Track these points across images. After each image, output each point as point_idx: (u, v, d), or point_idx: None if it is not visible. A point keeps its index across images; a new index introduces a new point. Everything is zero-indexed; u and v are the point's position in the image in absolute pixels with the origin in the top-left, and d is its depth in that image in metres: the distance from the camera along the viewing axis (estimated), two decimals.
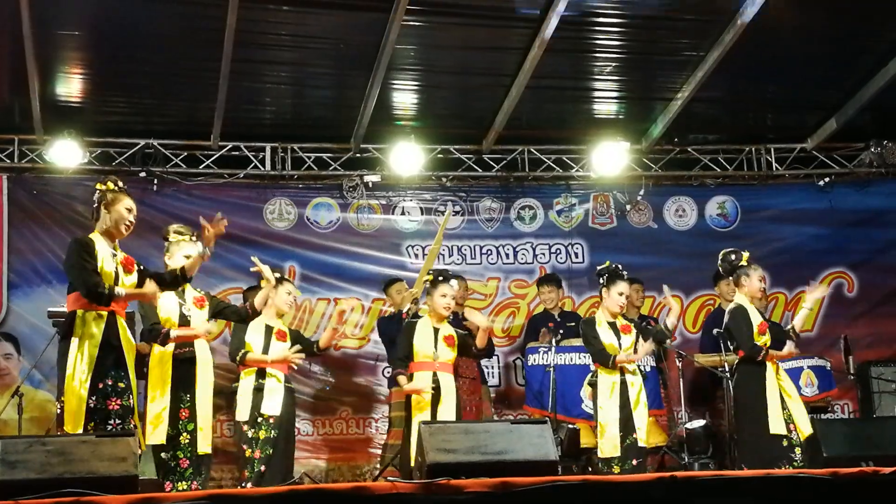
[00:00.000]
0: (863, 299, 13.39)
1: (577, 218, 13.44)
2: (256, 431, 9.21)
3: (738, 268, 9.62)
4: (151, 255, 9.68)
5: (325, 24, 10.76)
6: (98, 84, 11.62)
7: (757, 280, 9.54)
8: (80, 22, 10.54)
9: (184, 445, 8.21)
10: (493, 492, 5.56)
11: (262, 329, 9.50)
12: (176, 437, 8.19)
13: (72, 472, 5.67)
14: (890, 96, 12.21)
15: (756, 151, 13.51)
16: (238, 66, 10.96)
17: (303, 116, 12.69)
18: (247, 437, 9.23)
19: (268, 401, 9.27)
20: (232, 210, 12.07)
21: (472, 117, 12.72)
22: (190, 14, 10.42)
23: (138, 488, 5.78)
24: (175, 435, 8.18)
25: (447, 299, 9.47)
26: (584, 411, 11.07)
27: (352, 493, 5.52)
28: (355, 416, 12.50)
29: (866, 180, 13.59)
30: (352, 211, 13.00)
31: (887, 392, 12.09)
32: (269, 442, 9.21)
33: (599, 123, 12.88)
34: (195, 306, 8.52)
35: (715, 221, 13.57)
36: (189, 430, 8.23)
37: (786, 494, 5.93)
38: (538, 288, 12.44)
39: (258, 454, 9.16)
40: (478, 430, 6.74)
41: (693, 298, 13.06)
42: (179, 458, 8.18)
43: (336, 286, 12.62)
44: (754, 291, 9.55)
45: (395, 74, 11.61)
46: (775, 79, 12.21)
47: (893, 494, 5.94)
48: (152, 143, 12.31)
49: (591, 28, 11.12)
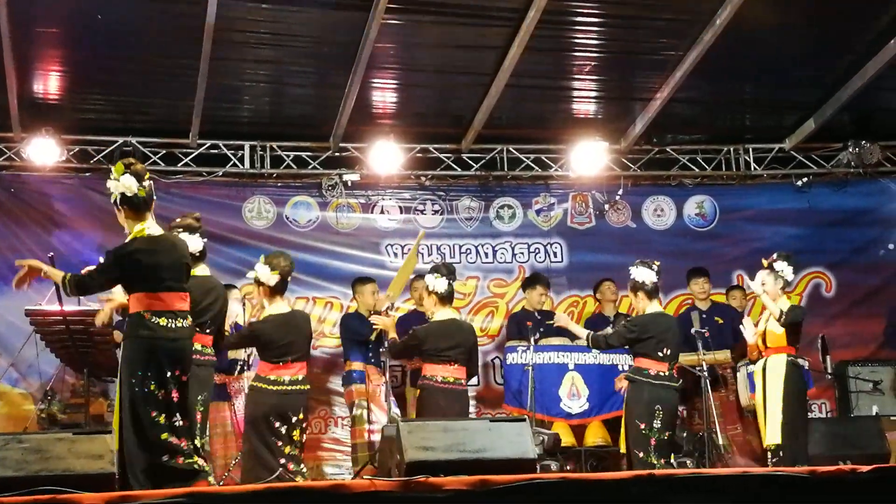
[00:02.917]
0: (840, 299, 13.44)
1: (555, 217, 13.45)
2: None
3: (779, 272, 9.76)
4: None
5: (305, 23, 10.75)
6: (76, 81, 11.58)
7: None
8: (59, 19, 10.50)
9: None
10: (472, 490, 5.56)
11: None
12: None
13: (48, 469, 5.66)
14: (868, 97, 12.27)
15: (734, 151, 13.54)
16: (217, 63, 10.93)
17: (282, 115, 12.67)
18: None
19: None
20: (210, 208, 12.12)
21: (452, 116, 12.73)
22: (169, 11, 10.41)
23: (115, 486, 5.76)
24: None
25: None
26: (562, 410, 11.11)
27: (330, 490, 5.51)
28: (334, 416, 12.48)
29: (844, 180, 13.64)
30: (331, 210, 12.98)
31: (864, 391, 12.15)
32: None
33: (578, 123, 12.89)
34: None
35: (693, 221, 13.60)
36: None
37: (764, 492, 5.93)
38: (526, 288, 12.41)
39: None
40: (456, 429, 6.74)
41: (671, 298, 13.06)
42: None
43: (315, 285, 12.60)
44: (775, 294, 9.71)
45: (375, 73, 11.59)
46: (754, 79, 12.27)
47: (871, 493, 5.96)
48: (130, 141, 12.25)
49: (570, 27, 11.13)
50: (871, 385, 12.13)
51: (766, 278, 9.66)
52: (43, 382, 11.06)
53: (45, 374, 10.86)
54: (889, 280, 13.37)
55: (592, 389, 11.25)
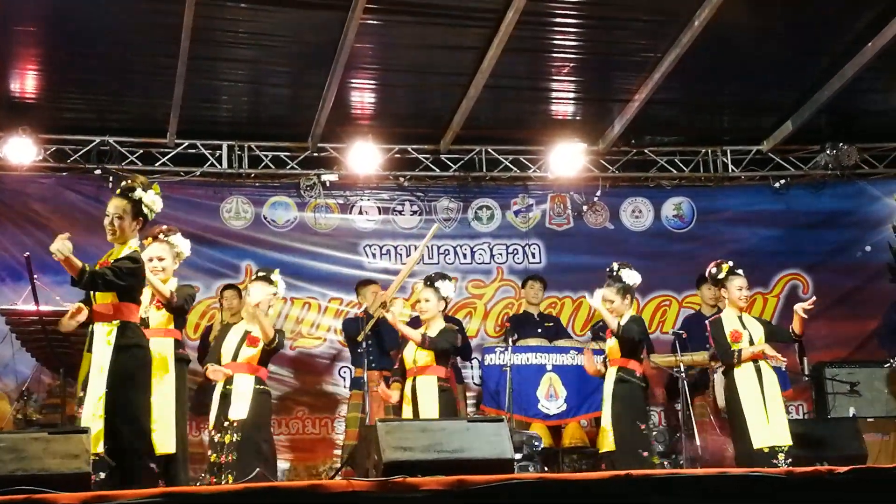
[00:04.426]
0: (817, 301, 13.45)
1: (534, 218, 13.47)
2: (222, 436, 9.09)
3: (718, 281, 9.69)
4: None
5: (283, 22, 10.72)
6: (53, 80, 11.53)
7: (735, 290, 9.59)
8: (36, 18, 10.44)
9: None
10: (449, 490, 5.54)
11: (241, 334, 9.38)
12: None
13: (24, 469, 5.62)
14: (845, 99, 12.31)
15: (712, 153, 13.58)
16: (195, 63, 10.91)
17: (260, 115, 12.65)
18: (213, 441, 9.11)
19: (235, 405, 9.15)
20: (188, 208, 12.13)
21: (430, 117, 12.72)
22: (147, 11, 10.35)
23: (91, 486, 5.72)
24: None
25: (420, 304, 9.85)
26: (540, 411, 11.11)
27: (307, 491, 5.48)
28: (311, 416, 12.47)
29: (821, 182, 13.70)
30: (309, 210, 12.97)
31: (841, 393, 12.19)
32: (233, 447, 9.09)
33: (557, 124, 12.91)
34: (154, 308, 8.42)
35: (671, 222, 13.63)
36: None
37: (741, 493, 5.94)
38: (523, 286, 12.46)
39: (224, 459, 9.02)
40: (434, 429, 6.74)
41: (649, 299, 13.09)
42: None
43: (293, 285, 12.51)
44: (734, 301, 9.59)
45: (353, 73, 11.57)
46: (732, 81, 12.29)
47: (848, 493, 5.97)
48: (108, 141, 12.23)
49: (548, 28, 11.13)
50: (849, 387, 12.17)
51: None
52: (19, 382, 11.01)
53: (22, 374, 10.82)
54: (866, 282, 13.41)
55: (570, 390, 11.27)
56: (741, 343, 9.37)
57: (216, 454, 8.99)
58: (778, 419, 9.17)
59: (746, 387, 9.26)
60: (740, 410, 9.22)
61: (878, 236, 13.55)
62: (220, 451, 8.99)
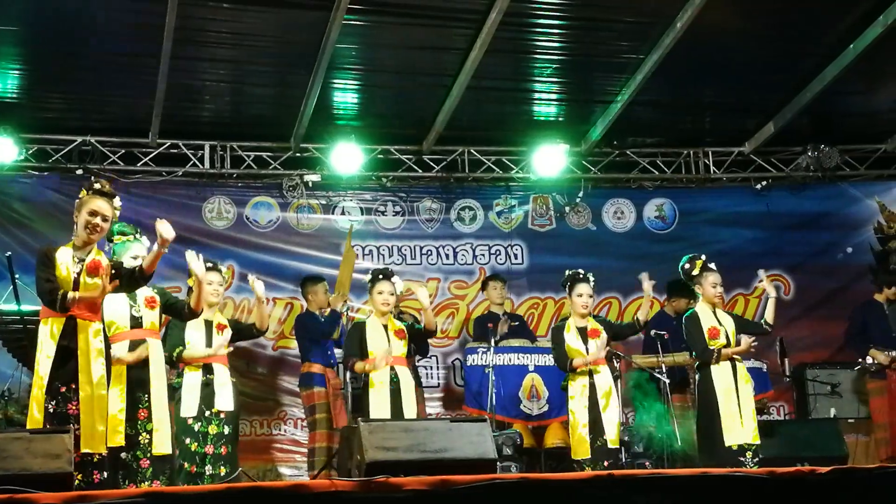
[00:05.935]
0: (799, 302, 13.53)
1: (516, 219, 13.49)
2: (205, 426, 9.05)
3: (692, 277, 9.71)
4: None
5: (266, 23, 10.68)
6: (35, 80, 11.49)
7: (710, 286, 9.62)
8: (17, 17, 10.38)
9: (143, 446, 8.06)
10: (432, 490, 5.54)
11: (202, 325, 9.33)
12: (135, 438, 8.06)
13: (5, 469, 5.60)
14: (827, 101, 12.34)
15: (694, 155, 13.63)
16: (177, 63, 10.88)
17: (242, 115, 12.62)
18: (192, 430, 9.05)
19: (220, 396, 9.12)
20: (170, 208, 12.10)
21: (413, 118, 12.71)
22: (129, 10, 10.30)
23: (73, 486, 5.71)
24: (134, 435, 8.05)
25: (384, 296, 9.67)
26: (522, 411, 11.13)
27: (290, 490, 5.48)
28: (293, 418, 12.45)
29: (803, 184, 13.75)
30: (291, 210, 12.97)
31: (822, 394, 12.23)
32: (223, 438, 9.06)
33: (539, 125, 12.92)
34: (146, 307, 8.40)
35: (653, 224, 13.66)
36: (148, 430, 8.11)
37: (723, 493, 5.95)
38: (484, 288, 12.48)
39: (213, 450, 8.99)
40: (417, 429, 6.74)
41: (631, 300, 13.09)
42: (139, 459, 8.05)
43: (275, 285, 12.55)
44: (710, 297, 9.62)
45: (336, 74, 11.56)
46: (714, 82, 12.30)
47: (829, 494, 5.99)
48: (89, 140, 12.20)
49: (531, 30, 11.12)
50: (830, 388, 12.21)
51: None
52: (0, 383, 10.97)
53: (3, 374, 10.75)
54: (847, 283, 13.44)
55: (552, 391, 11.26)
56: (719, 339, 9.40)
57: (197, 443, 8.96)
58: (749, 417, 9.23)
59: (722, 383, 9.30)
60: (714, 406, 9.26)
61: (860, 238, 13.58)
62: (202, 441, 8.96)
